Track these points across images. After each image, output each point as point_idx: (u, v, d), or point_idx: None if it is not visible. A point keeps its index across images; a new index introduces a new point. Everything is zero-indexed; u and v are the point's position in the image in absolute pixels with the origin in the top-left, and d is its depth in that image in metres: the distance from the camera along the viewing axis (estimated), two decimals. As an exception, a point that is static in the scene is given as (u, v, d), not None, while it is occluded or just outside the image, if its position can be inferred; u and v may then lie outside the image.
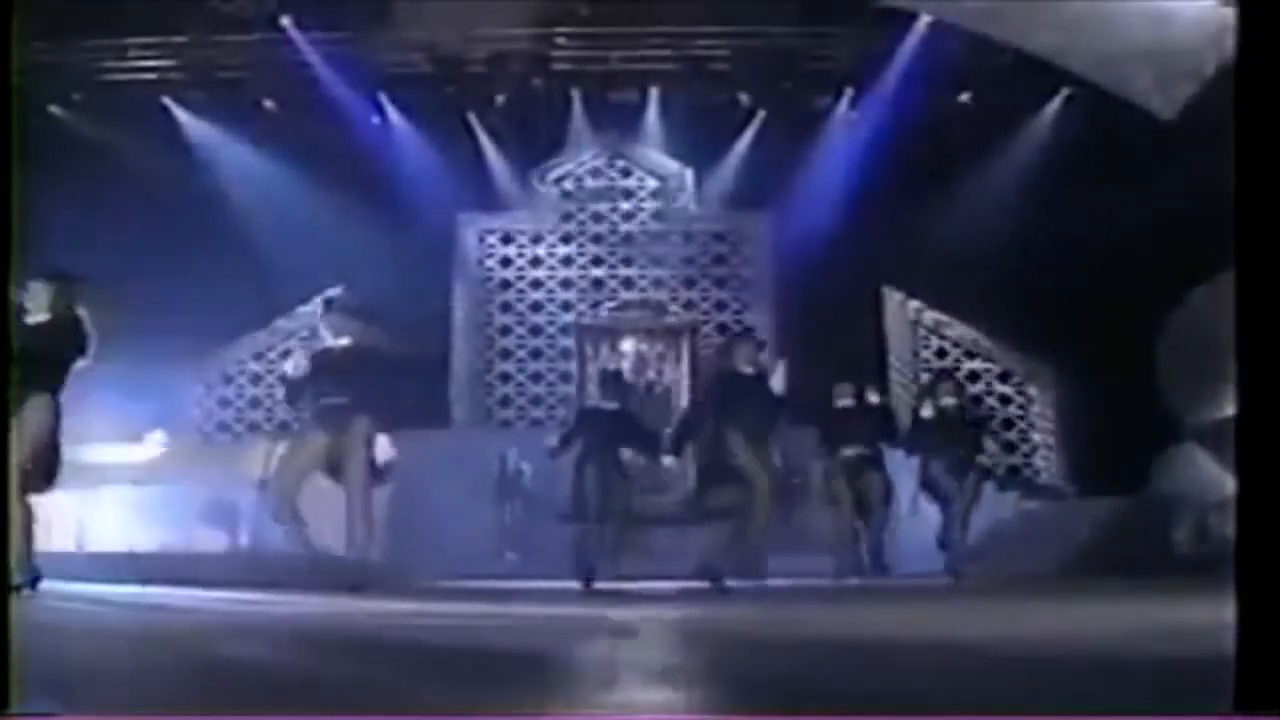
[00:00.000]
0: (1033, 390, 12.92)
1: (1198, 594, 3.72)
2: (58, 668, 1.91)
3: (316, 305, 5.49)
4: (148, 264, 10.90)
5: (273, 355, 13.07)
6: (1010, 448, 12.63)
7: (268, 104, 12.71)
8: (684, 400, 11.52)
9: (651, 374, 11.73)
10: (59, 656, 2.10)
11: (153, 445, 11.49)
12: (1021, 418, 12.93)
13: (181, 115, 12.71)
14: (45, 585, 4.86)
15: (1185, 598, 4.09)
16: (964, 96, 12.59)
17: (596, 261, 13.91)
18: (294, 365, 5.55)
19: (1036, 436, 12.82)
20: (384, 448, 5.45)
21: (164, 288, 10.63)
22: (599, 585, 5.84)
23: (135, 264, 10.87)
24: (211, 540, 9.47)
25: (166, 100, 12.65)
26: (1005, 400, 12.99)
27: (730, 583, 5.73)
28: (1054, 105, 12.48)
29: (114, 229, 10.73)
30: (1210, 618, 2.02)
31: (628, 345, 11.79)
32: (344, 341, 5.52)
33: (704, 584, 5.69)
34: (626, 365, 11.63)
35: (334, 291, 5.47)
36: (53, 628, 2.88)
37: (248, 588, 5.26)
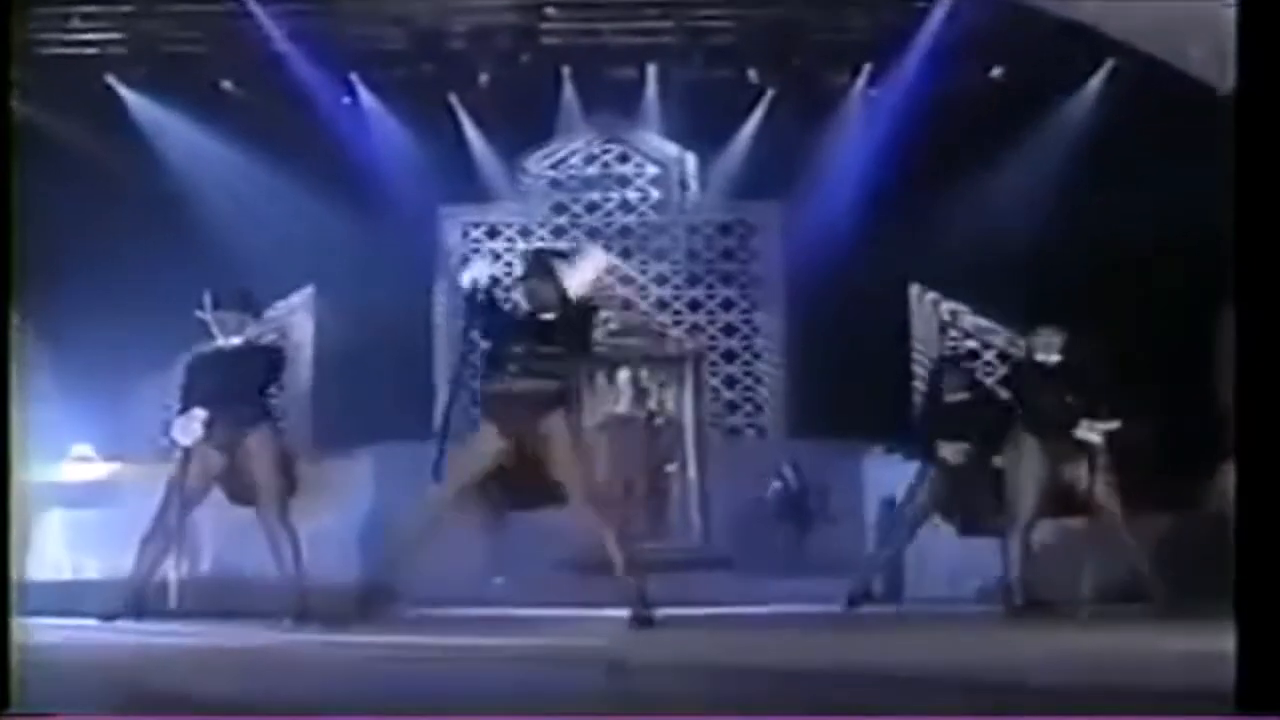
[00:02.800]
0: (1078, 397, 12.87)
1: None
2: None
3: (206, 301, 5.52)
4: (92, 263, 10.85)
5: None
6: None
7: (225, 84, 12.63)
8: (689, 433, 11.48)
9: (653, 405, 11.70)
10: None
11: (102, 463, 11.42)
12: (1065, 426, 12.85)
13: (127, 95, 12.61)
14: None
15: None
16: (997, 71, 12.54)
17: (591, 257, 13.90)
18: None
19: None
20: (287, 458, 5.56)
21: (112, 289, 10.57)
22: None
23: (78, 263, 10.83)
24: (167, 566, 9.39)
25: (110, 79, 12.56)
26: (1046, 407, 12.94)
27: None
28: (1099, 79, 12.37)
29: (53, 224, 10.67)
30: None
31: (626, 375, 11.78)
32: (236, 341, 5.54)
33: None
34: (626, 397, 11.64)
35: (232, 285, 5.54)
36: None
37: (209, 618, 5.25)
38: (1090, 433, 5.87)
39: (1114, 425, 5.99)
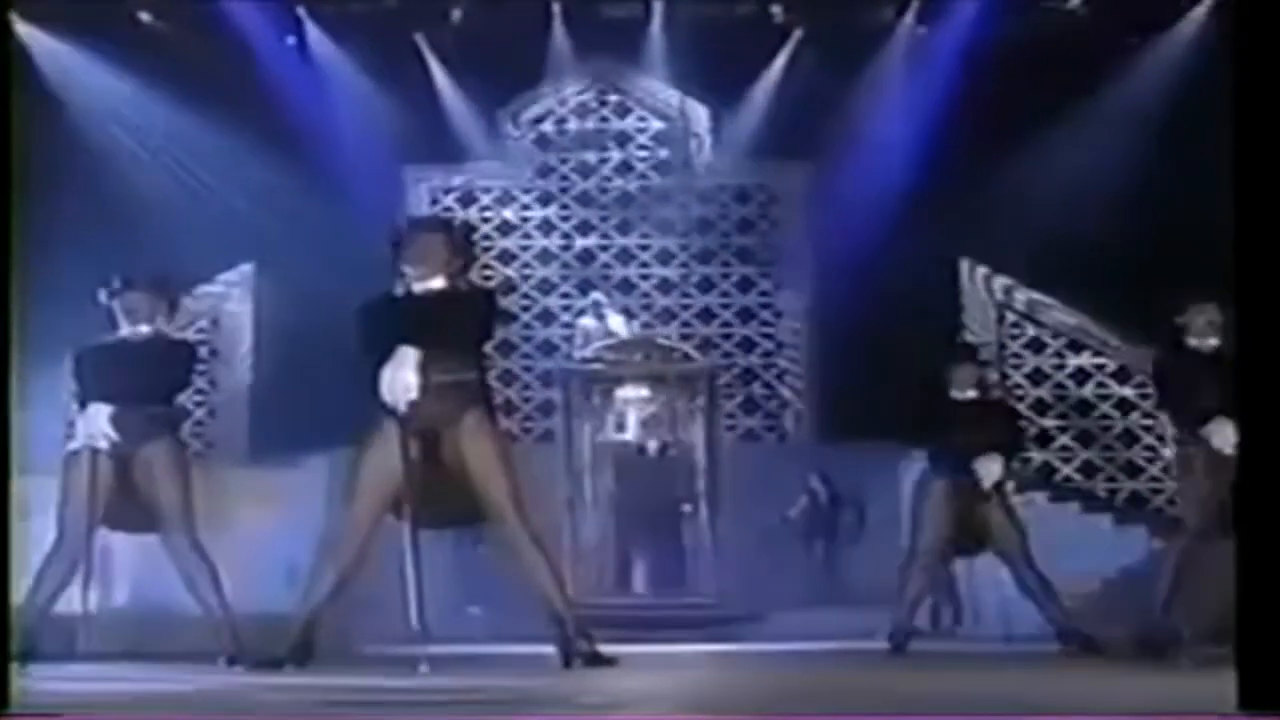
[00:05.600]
0: (1161, 393, 12.85)
1: None
2: None
3: (114, 285, 5.55)
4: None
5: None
6: (1133, 469, 12.54)
7: (144, 17, 12.54)
8: (702, 465, 11.45)
9: (664, 434, 11.67)
10: None
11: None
12: (1148, 429, 12.81)
13: (28, 33, 12.47)
14: None
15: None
16: (1074, 2, 12.44)
17: (584, 228, 13.83)
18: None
19: (1169, 452, 12.73)
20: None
21: (6, 267, 10.49)
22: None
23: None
24: (76, 599, 9.31)
25: (10, 15, 12.46)
26: (1125, 406, 12.90)
27: None
28: (1198, 12, 12.28)
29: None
30: None
31: (627, 395, 11.76)
32: (144, 330, 5.55)
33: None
34: (630, 423, 11.61)
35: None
36: None
37: (129, 660, 5.20)
38: (1226, 437, 5.71)
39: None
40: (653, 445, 11.53)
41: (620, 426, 11.64)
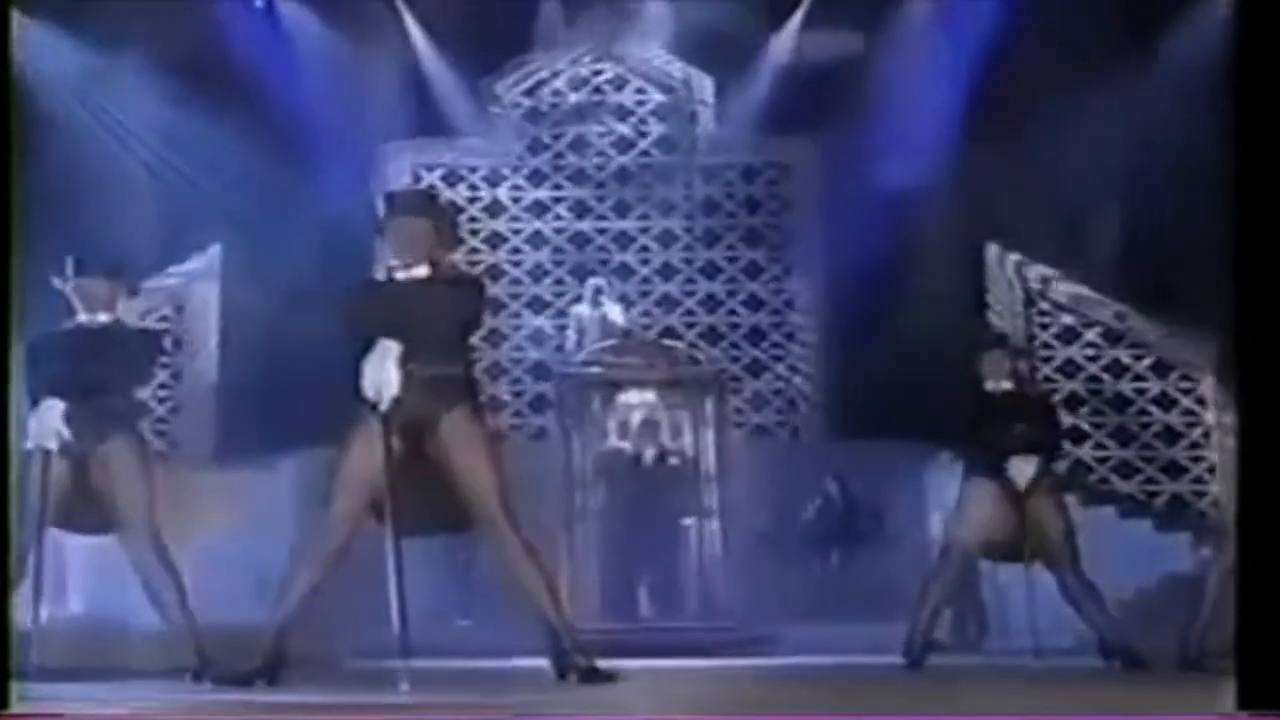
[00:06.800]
0: (1206, 388, 12.84)
1: None
2: None
3: (68, 268, 5.58)
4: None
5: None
6: (1175, 469, 12.52)
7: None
8: (712, 475, 11.41)
9: (666, 440, 11.65)
10: None
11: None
12: (1192, 425, 12.81)
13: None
14: None
15: None
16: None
17: (579, 210, 13.83)
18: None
19: (1213, 454, 12.75)
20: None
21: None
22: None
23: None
24: (27, 610, 9.27)
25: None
26: (1166, 402, 12.89)
27: None
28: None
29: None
30: None
31: (627, 400, 11.73)
32: (102, 319, 5.56)
33: None
34: (630, 430, 11.59)
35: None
36: None
37: (83, 678, 5.16)
38: None
39: None
40: (657, 453, 11.48)
41: (622, 433, 11.60)
